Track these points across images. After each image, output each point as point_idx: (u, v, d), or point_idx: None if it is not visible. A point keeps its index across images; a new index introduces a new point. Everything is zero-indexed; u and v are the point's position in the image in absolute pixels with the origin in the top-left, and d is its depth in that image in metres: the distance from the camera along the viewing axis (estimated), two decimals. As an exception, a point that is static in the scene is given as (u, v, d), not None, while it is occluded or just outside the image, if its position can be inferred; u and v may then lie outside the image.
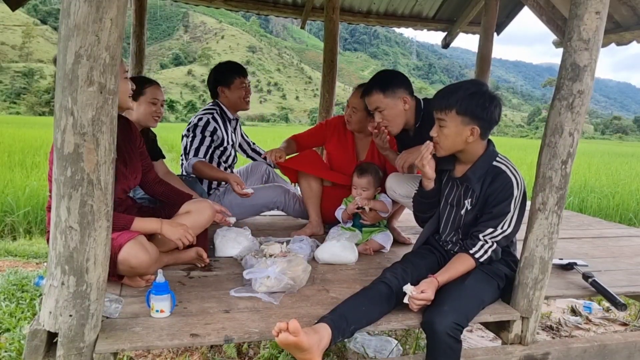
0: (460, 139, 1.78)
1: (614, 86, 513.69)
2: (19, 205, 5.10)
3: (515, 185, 1.78)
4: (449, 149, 1.82)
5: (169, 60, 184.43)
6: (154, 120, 2.65)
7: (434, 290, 1.69)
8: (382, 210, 2.59)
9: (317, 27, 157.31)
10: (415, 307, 1.69)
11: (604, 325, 3.07)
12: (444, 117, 1.77)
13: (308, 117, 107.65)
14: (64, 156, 1.29)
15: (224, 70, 3.06)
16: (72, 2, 1.23)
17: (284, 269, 1.88)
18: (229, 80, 3.01)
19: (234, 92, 3.03)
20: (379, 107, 2.37)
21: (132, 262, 1.75)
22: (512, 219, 1.79)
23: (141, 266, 1.79)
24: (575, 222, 3.86)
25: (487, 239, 1.80)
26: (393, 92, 2.35)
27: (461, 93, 1.73)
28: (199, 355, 2.36)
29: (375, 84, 2.38)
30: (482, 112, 1.74)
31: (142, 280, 1.88)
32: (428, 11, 5.24)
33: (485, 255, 1.80)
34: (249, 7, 4.87)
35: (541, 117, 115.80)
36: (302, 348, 1.40)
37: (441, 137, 1.80)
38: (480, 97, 1.73)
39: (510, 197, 1.77)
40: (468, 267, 1.80)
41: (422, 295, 1.66)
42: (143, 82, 2.62)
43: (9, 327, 2.43)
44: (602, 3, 1.60)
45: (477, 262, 1.80)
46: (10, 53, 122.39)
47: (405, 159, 2.33)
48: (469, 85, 1.77)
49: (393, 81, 2.38)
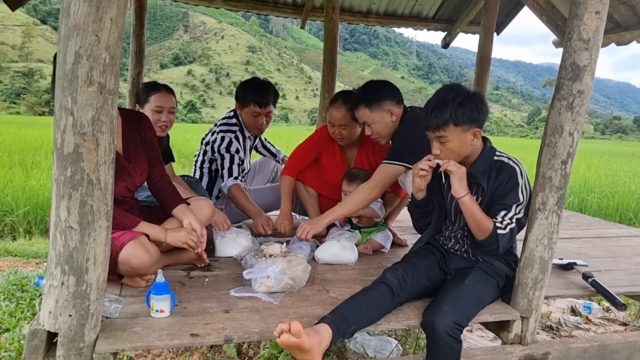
0: (465, 146, 1.78)
1: (614, 86, 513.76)
2: (19, 205, 5.10)
3: (519, 174, 1.79)
4: (457, 158, 1.81)
5: (169, 60, 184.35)
6: (159, 129, 2.50)
7: (460, 169, 1.75)
8: (371, 216, 2.60)
9: (317, 27, 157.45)
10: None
11: (603, 325, 3.07)
12: (443, 134, 1.74)
13: (308, 117, 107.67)
14: (63, 156, 1.29)
15: (244, 88, 2.92)
16: (72, 2, 1.23)
17: (284, 269, 1.88)
18: (244, 102, 2.89)
19: (246, 114, 2.92)
20: (366, 121, 2.37)
21: (133, 262, 1.75)
22: (522, 204, 1.79)
23: (142, 266, 1.79)
24: (575, 222, 3.87)
25: (506, 218, 1.78)
26: (379, 106, 2.33)
27: (451, 106, 1.71)
28: (199, 355, 2.36)
29: (361, 100, 2.36)
30: (478, 114, 1.74)
31: (143, 280, 1.88)
32: (428, 11, 5.24)
33: (504, 230, 1.76)
34: (249, 7, 4.87)
35: (541, 117, 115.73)
36: (303, 349, 1.41)
37: (446, 152, 1.78)
38: (471, 101, 1.73)
39: (516, 187, 1.78)
40: (486, 225, 1.77)
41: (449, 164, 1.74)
42: (150, 89, 2.52)
43: (8, 327, 2.43)
44: (602, 3, 1.60)
45: (494, 231, 1.76)
46: (10, 53, 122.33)
47: (307, 230, 2.28)
48: (452, 94, 1.74)
49: (378, 94, 2.35)
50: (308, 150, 2.87)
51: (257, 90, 2.88)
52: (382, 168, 2.32)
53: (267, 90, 2.91)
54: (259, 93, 2.87)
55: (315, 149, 2.87)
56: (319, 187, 2.88)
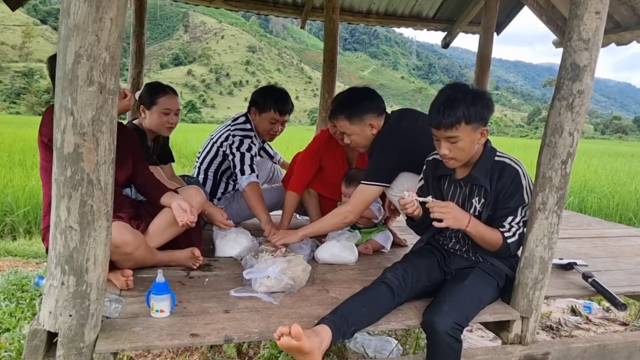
0: (473, 145, 1.76)
1: (614, 86, 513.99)
2: (19, 205, 5.09)
3: (522, 175, 1.79)
4: (464, 160, 1.79)
5: (169, 60, 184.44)
6: (166, 130, 2.59)
7: (455, 210, 1.74)
8: (370, 217, 2.60)
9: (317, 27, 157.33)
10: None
11: (603, 325, 3.07)
12: (455, 134, 1.71)
13: (308, 117, 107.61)
14: (63, 156, 1.29)
15: (265, 94, 2.89)
16: (72, 2, 1.23)
17: (284, 269, 1.88)
18: (263, 107, 2.84)
19: (262, 121, 2.87)
20: (346, 132, 2.33)
21: (116, 241, 1.73)
22: (527, 206, 1.79)
23: (126, 245, 1.80)
24: (575, 222, 3.87)
25: (513, 224, 1.79)
26: (360, 119, 2.28)
27: (463, 104, 1.69)
28: (199, 355, 2.36)
29: (342, 111, 2.30)
30: (487, 112, 1.74)
31: (123, 277, 1.82)
32: (428, 11, 5.25)
33: (514, 237, 1.78)
34: (249, 7, 4.88)
35: (541, 117, 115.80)
36: (303, 352, 1.41)
37: (456, 152, 1.75)
38: (481, 99, 1.72)
39: (520, 189, 1.77)
40: (496, 240, 1.78)
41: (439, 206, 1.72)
42: (157, 91, 2.54)
43: (9, 327, 2.43)
44: (602, 3, 1.60)
45: (504, 242, 1.77)
46: (10, 53, 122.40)
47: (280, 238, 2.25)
48: (461, 93, 1.72)
49: (360, 107, 2.28)
50: (311, 161, 2.82)
51: (278, 98, 2.87)
52: (360, 189, 2.28)
53: (288, 100, 2.91)
54: (280, 101, 2.86)
55: (316, 157, 2.83)
56: (319, 188, 2.87)
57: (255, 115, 2.91)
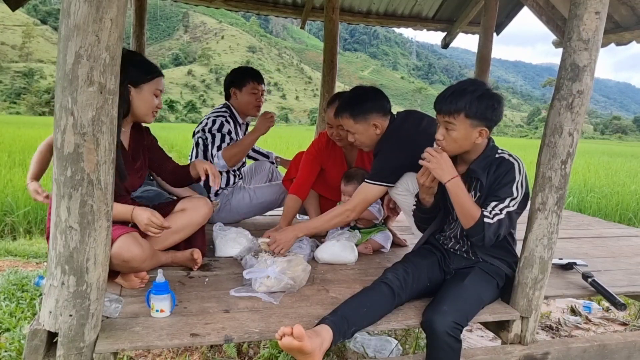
0: (468, 141, 1.76)
1: (614, 86, 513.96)
2: (19, 205, 5.09)
3: (517, 169, 1.77)
4: (455, 151, 1.80)
5: (169, 60, 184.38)
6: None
7: (438, 156, 1.74)
8: (369, 218, 2.60)
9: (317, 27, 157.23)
10: None
11: (603, 325, 3.07)
12: (452, 121, 1.73)
13: (308, 117, 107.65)
14: (64, 156, 1.29)
15: (240, 72, 3.07)
16: (72, 2, 1.23)
17: (284, 268, 1.88)
18: (242, 83, 2.99)
19: (244, 95, 2.99)
20: (350, 130, 2.33)
21: (124, 256, 1.74)
22: (516, 200, 1.75)
23: (134, 260, 1.79)
24: (574, 222, 3.87)
25: (496, 209, 1.74)
26: (364, 119, 2.27)
27: (469, 96, 1.70)
28: (199, 355, 2.36)
29: (347, 109, 2.29)
30: (491, 114, 1.73)
31: (137, 278, 1.86)
32: (428, 11, 5.25)
33: (491, 220, 1.71)
34: (249, 7, 4.87)
35: (541, 117, 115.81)
36: (305, 352, 1.41)
37: (448, 140, 1.76)
38: (489, 98, 1.72)
39: (512, 181, 1.75)
40: (472, 214, 1.73)
41: None
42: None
43: (9, 327, 2.43)
44: (601, 3, 1.60)
45: (480, 219, 1.72)
46: (10, 53, 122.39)
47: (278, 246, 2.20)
48: (473, 87, 1.73)
49: (364, 107, 2.28)
50: (312, 166, 2.81)
51: (252, 70, 3.11)
52: (363, 188, 2.27)
53: (259, 72, 3.15)
54: (255, 72, 3.09)
55: (316, 161, 2.83)
56: (320, 189, 2.87)
57: (235, 95, 3.02)
